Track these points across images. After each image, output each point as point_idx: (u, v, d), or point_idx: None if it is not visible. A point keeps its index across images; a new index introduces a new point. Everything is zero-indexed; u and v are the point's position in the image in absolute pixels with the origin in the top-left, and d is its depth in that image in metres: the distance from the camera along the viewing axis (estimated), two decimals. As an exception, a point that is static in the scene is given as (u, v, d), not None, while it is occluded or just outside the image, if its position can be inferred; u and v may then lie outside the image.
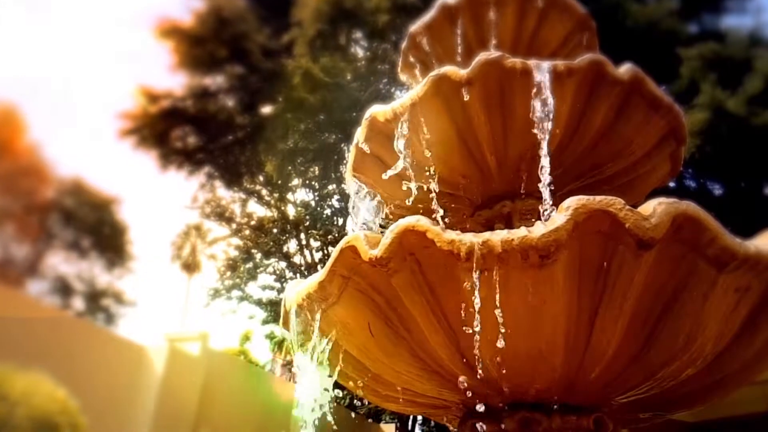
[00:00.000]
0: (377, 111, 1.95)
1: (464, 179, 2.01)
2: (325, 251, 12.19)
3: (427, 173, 1.98)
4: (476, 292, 1.22)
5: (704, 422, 3.39)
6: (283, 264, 13.03)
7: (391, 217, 2.21)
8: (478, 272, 1.22)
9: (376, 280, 1.37)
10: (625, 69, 1.76)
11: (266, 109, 11.87)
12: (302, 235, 12.79)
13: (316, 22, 10.46)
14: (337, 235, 11.81)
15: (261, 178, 12.76)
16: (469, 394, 1.45)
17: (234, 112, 11.71)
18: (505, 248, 1.19)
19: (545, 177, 1.60)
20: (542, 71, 1.71)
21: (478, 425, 1.49)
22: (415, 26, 2.47)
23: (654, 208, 1.21)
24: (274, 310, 12.25)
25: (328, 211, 13.06)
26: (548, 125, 1.67)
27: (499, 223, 1.94)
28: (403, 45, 2.55)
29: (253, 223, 13.21)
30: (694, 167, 8.83)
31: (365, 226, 2.14)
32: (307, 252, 12.74)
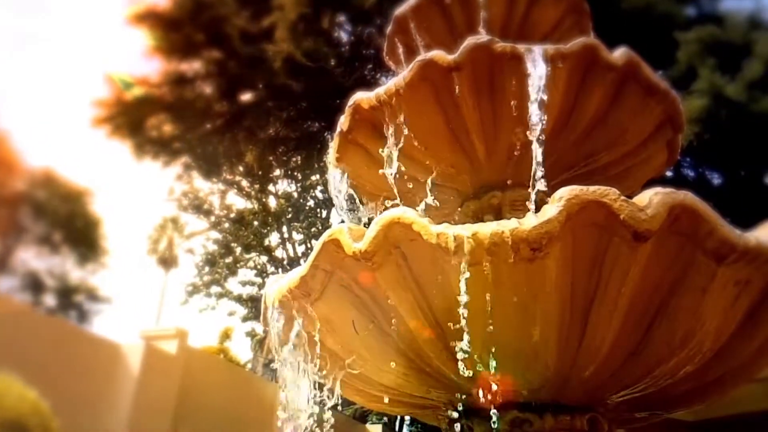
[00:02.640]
0: (361, 98, 1.89)
1: (452, 169, 1.95)
2: (308, 244, 12.10)
3: (414, 163, 1.92)
4: (464, 287, 1.17)
5: (704, 421, 3.43)
6: (264, 258, 12.88)
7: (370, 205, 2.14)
8: (466, 266, 1.17)
9: (360, 275, 1.33)
10: (619, 53, 1.72)
11: (246, 96, 11.58)
12: (284, 228, 12.66)
13: (298, 5, 10.20)
14: (320, 227, 11.74)
15: (241, 169, 12.53)
16: (457, 393, 1.41)
17: (212, 99, 11.39)
18: (495, 241, 1.16)
19: (537, 166, 1.55)
20: (533, 56, 1.66)
21: (467, 426, 1.45)
22: (401, 9, 2.39)
23: (650, 198, 1.19)
24: (254, 306, 12.12)
25: (311, 203, 12.96)
26: (539, 112, 1.62)
27: (489, 214, 1.89)
28: (389, 29, 2.47)
29: (232, 215, 13.00)
30: (692, 156, 8.75)
31: (350, 219, 2.07)
32: (289, 245, 12.63)
